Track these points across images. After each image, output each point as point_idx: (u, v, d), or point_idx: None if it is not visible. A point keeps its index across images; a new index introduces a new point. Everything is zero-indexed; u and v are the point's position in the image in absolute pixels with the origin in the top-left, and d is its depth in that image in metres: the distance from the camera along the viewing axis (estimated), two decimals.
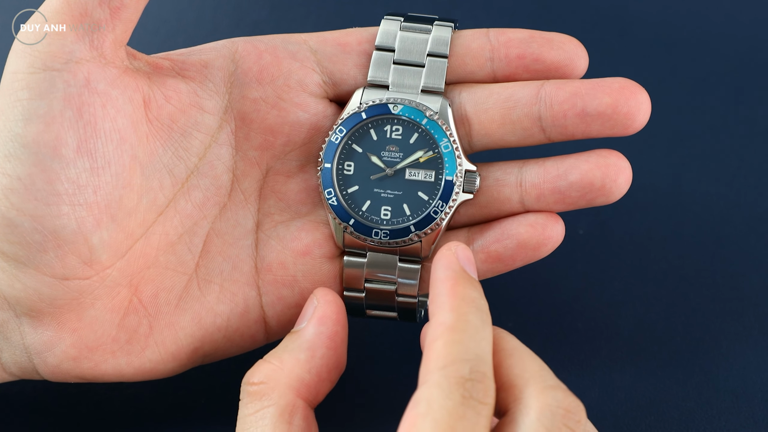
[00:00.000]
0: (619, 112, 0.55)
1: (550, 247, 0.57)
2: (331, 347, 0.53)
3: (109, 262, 0.54)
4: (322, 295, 0.54)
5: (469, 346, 0.48)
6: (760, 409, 0.60)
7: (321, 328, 0.53)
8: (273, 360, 0.53)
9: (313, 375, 0.53)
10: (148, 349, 0.56)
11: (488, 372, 0.48)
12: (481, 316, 0.49)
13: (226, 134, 0.57)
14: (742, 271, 0.66)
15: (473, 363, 0.47)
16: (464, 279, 0.50)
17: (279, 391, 0.52)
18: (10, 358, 0.55)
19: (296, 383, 0.52)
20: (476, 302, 0.50)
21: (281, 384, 0.52)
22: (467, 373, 0.47)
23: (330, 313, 0.54)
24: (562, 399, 0.48)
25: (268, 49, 0.57)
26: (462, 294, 0.50)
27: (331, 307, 0.54)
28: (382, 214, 0.57)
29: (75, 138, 0.52)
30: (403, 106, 0.57)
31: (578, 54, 0.56)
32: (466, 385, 0.47)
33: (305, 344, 0.53)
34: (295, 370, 0.52)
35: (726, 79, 0.73)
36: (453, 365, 0.47)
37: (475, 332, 0.48)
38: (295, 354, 0.53)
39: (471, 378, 0.47)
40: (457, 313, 0.49)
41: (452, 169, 0.56)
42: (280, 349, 0.53)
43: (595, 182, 0.55)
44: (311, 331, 0.54)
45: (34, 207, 0.52)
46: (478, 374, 0.47)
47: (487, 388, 0.47)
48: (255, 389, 0.52)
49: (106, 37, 0.53)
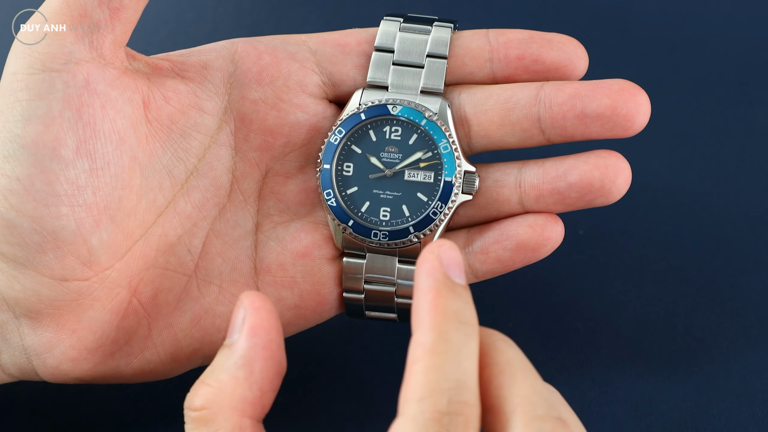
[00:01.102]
0: (619, 114, 0.55)
1: (550, 248, 0.57)
2: (268, 357, 0.49)
3: (108, 263, 0.54)
4: (249, 302, 0.50)
5: (449, 371, 0.45)
6: (760, 409, 0.60)
7: (254, 339, 0.49)
8: (211, 382, 0.49)
9: (255, 391, 0.49)
10: (147, 351, 0.56)
11: (470, 399, 0.45)
12: (464, 330, 0.46)
13: (225, 135, 0.57)
14: (742, 271, 0.66)
15: (453, 393, 0.45)
16: (446, 289, 0.47)
17: (223, 415, 0.49)
18: (10, 360, 0.55)
19: (239, 404, 0.49)
20: (459, 315, 0.47)
21: (224, 407, 0.49)
22: (445, 406, 0.44)
23: (260, 321, 0.49)
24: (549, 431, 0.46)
25: (267, 50, 0.57)
26: (443, 308, 0.46)
27: (260, 315, 0.49)
28: (381, 215, 0.57)
29: (74, 139, 0.52)
30: (402, 107, 0.57)
31: (578, 54, 0.56)
32: (443, 421, 0.44)
33: (240, 360, 0.49)
34: (236, 390, 0.49)
35: (726, 79, 0.73)
36: (430, 398, 0.44)
37: (456, 353, 0.46)
38: (232, 372, 0.49)
39: (449, 411, 0.44)
40: (438, 332, 0.46)
41: (451, 170, 0.56)
42: (216, 368, 0.50)
43: (594, 183, 0.55)
44: (244, 344, 0.49)
45: (33, 208, 0.52)
46: (458, 405, 0.45)
47: (467, 419, 0.45)
48: (198, 415, 0.49)
49: (105, 37, 0.53)
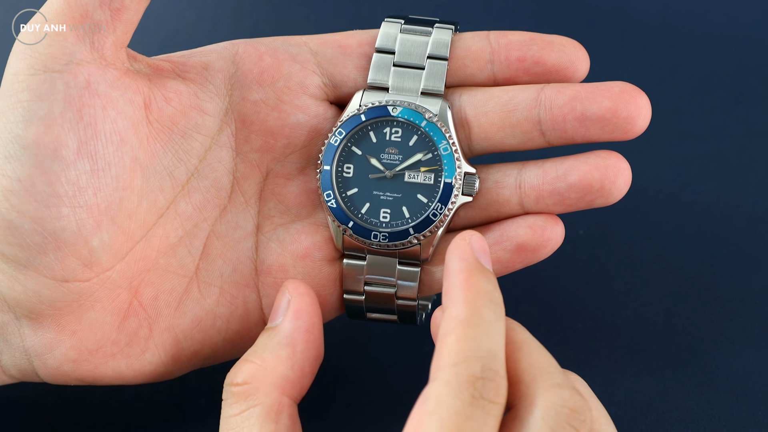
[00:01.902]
0: (619, 116, 0.54)
1: (550, 249, 0.57)
2: (310, 340, 0.53)
3: (109, 264, 0.54)
4: (294, 287, 0.54)
5: (482, 342, 0.47)
6: (760, 409, 0.60)
7: (298, 322, 0.53)
8: (254, 359, 0.52)
9: (296, 371, 0.52)
10: (147, 352, 0.56)
11: (500, 369, 0.47)
12: (495, 310, 0.48)
13: (226, 136, 0.57)
14: (742, 271, 0.66)
15: (485, 360, 0.46)
16: (478, 270, 0.49)
17: (264, 391, 0.51)
18: (10, 361, 0.55)
19: (281, 381, 0.52)
20: (490, 295, 0.49)
21: (266, 383, 0.51)
22: (479, 371, 0.46)
23: (305, 305, 0.53)
24: (568, 398, 0.47)
25: (268, 51, 0.57)
26: (476, 287, 0.49)
27: (305, 300, 0.53)
28: (381, 216, 0.57)
29: (75, 140, 0.52)
30: (402, 109, 0.57)
31: (579, 57, 0.56)
32: (476, 384, 0.46)
33: (284, 340, 0.52)
34: (278, 367, 0.52)
35: (726, 79, 0.73)
36: (464, 363, 0.46)
37: (488, 327, 0.47)
38: (276, 351, 0.52)
39: (482, 377, 0.46)
40: (471, 307, 0.48)
41: (451, 171, 0.56)
42: (259, 347, 0.53)
43: (594, 184, 0.55)
44: (288, 326, 0.53)
45: (34, 209, 0.52)
46: (490, 372, 0.46)
47: (498, 386, 0.46)
48: (239, 389, 0.52)
49: (106, 38, 0.53)
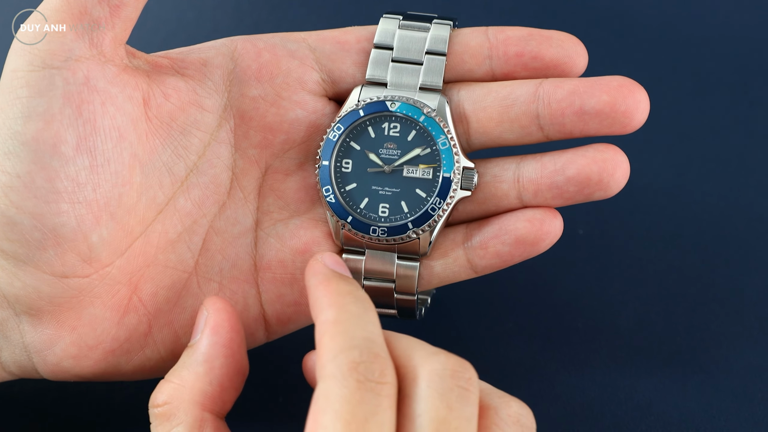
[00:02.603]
0: (617, 111, 0.54)
1: (549, 243, 0.57)
2: (229, 355, 0.53)
3: (108, 260, 0.54)
4: (211, 304, 0.53)
5: (355, 332, 0.48)
6: (760, 409, 0.60)
7: (215, 338, 0.53)
8: (173, 379, 0.52)
9: (215, 386, 0.52)
10: (147, 348, 0.56)
11: (381, 351, 0.47)
12: (362, 305, 0.49)
13: (225, 132, 0.57)
14: (742, 271, 0.66)
15: (362, 346, 0.47)
16: (335, 276, 0.51)
17: (184, 409, 0.51)
18: (10, 357, 0.55)
19: (200, 397, 0.52)
20: (353, 293, 0.50)
21: (185, 401, 0.51)
22: (357, 356, 0.47)
23: (221, 321, 0.53)
24: (445, 361, 0.48)
25: (267, 47, 0.57)
26: (336, 289, 0.50)
27: (221, 315, 0.53)
28: (380, 211, 0.57)
29: (74, 136, 0.52)
30: (400, 104, 0.57)
31: (577, 51, 0.56)
32: (359, 369, 0.46)
33: (201, 357, 0.52)
34: (196, 384, 0.52)
35: (726, 79, 0.73)
36: (342, 353, 0.47)
37: (358, 319, 0.48)
38: (193, 369, 0.52)
39: (362, 360, 0.47)
40: (337, 307, 0.49)
41: (450, 166, 0.56)
42: (179, 366, 0.53)
43: (593, 177, 0.55)
44: (205, 342, 0.53)
45: (34, 205, 0.52)
46: (370, 355, 0.47)
47: (383, 366, 0.47)
48: (160, 411, 0.52)
49: (105, 35, 0.53)
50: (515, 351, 0.64)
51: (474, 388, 0.48)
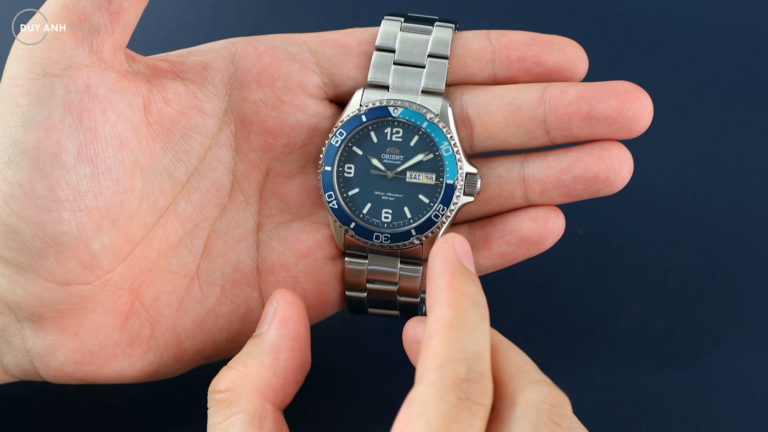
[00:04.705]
0: (625, 116, 0.55)
1: (552, 241, 0.57)
2: (295, 348, 0.53)
3: (110, 266, 0.54)
4: (281, 296, 0.54)
5: (467, 343, 0.47)
6: (760, 409, 0.61)
7: (283, 330, 0.53)
8: (238, 366, 0.52)
9: (279, 378, 0.52)
10: (150, 352, 0.56)
11: (486, 371, 0.47)
12: (479, 312, 0.48)
13: (225, 136, 0.57)
14: (742, 271, 0.66)
15: (471, 362, 0.46)
16: (462, 273, 0.49)
17: (246, 397, 0.51)
18: (12, 361, 0.55)
19: (263, 387, 0.52)
20: (474, 297, 0.49)
21: (248, 390, 0.51)
22: (464, 373, 0.46)
23: (291, 314, 0.53)
24: (547, 393, 0.48)
25: (267, 50, 0.57)
26: (460, 289, 0.48)
27: (291, 308, 0.53)
28: (382, 217, 0.57)
29: (75, 144, 0.52)
30: (403, 109, 0.56)
31: (579, 57, 0.56)
32: (462, 386, 0.46)
33: (268, 347, 0.53)
34: (260, 374, 0.52)
35: (726, 79, 0.73)
36: (450, 365, 0.46)
37: (473, 329, 0.47)
38: (259, 358, 0.52)
39: (468, 378, 0.46)
40: (455, 309, 0.48)
41: (453, 172, 0.56)
42: (243, 354, 0.53)
43: (600, 175, 0.55)
44: (273, 333, 0.53)
45: (35, 213, 0.51)
46: (476, 374, 0.46)
47: (484, 388, 0.46)
48: (222, 397, 0.52)
49: (105, 41, 0.53)
50: None
51: (566, 425, 0.47)
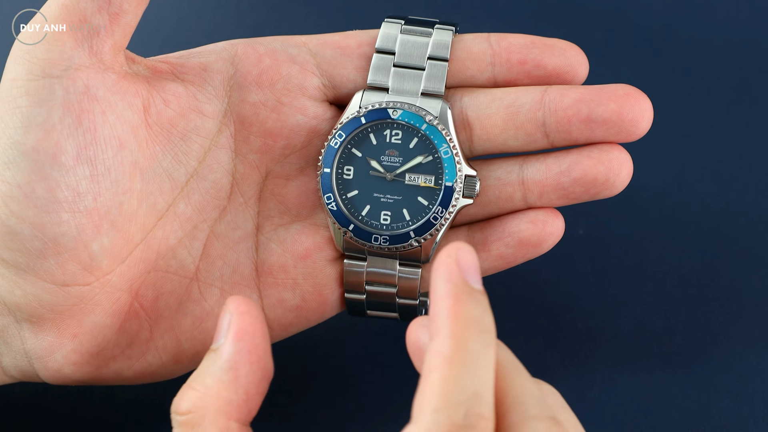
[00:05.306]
0: (625, 119, 0.55)
1: (551, 243, 0.57)
2: (254, 361, 0.49)
3: (109, 267, 0.54)
4: (235, 306, 0.50)
5: (467, 383, 0.44)
6: (760, 409, 0.60)
7: (239, 344, 0.49)
8: (197, 386, 0.49)
9: (240, 395, 0.49)
10: (149, 354, 0.56)
11: (486, 411, 0.44)
12: (483, 340, 0.45)
13: (225, 138, 0.57)
14: (742, 271, 0.66)
15: (469, 404, 0.44)
16: (466, 295, 0.46)
17: (209, 419, 0.49)
18: (11, 362, 0.55)
19: (226, 407, 0.49)
20: (479, 323, 0.46)
21: (210, 411, 0.49)
22: (460, 419, 0.44)
23: (245, 326, 0.49)
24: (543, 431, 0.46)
25: (267, 52, 0.57)
26: (463, 315, 0.45)
27: (246, 319, 0.49)
28: (381, 219, 0.57)
29: (74, 145, 0.52)
30: (402, 111, 0.56)
31: (579, 61, 0.56)
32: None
33: (226, 365, 0.49)
34: (221, 393, 0.49)
35: (725, 79, 0.73)
36: (446, 409, 0.44)
37: (474, 363, 0.45)
38: (218, 376, 0.49)
39: (465, 425, 0.44)
40: (456, 341, 0.45)
41: (452, 174, 0.56)
42: (202, 372, 0.50)
43: (599, 177, 0.55)
44: (230, 349, 0.49)
45: (34, 214, 0.51)
46: (474, 418, 0.44)
47: (483, 430, 0.44)
48: (185, 419, 0.49)
49: (105, 42, 0.53)
50: (515, 351, 0.63)
51: None
